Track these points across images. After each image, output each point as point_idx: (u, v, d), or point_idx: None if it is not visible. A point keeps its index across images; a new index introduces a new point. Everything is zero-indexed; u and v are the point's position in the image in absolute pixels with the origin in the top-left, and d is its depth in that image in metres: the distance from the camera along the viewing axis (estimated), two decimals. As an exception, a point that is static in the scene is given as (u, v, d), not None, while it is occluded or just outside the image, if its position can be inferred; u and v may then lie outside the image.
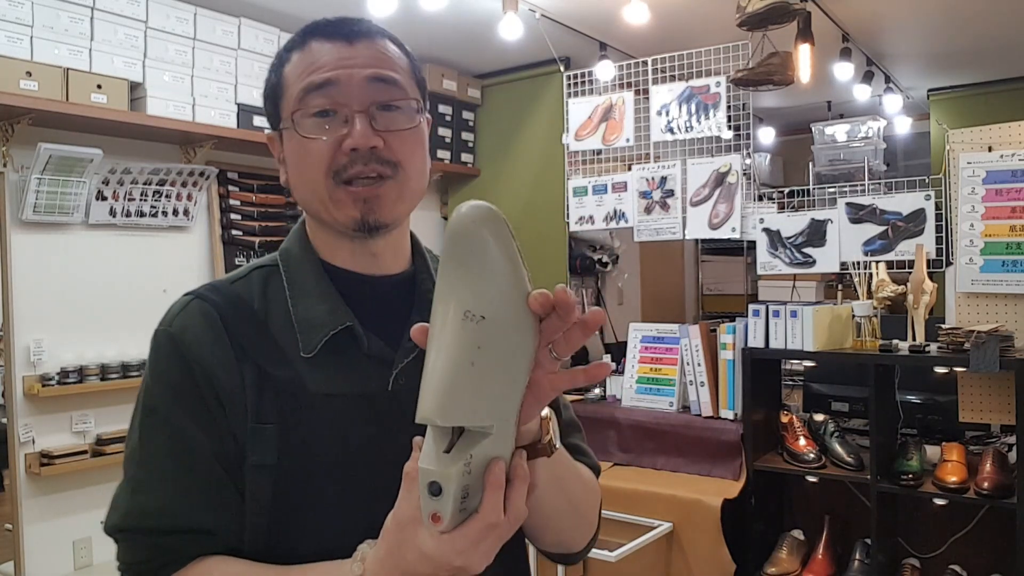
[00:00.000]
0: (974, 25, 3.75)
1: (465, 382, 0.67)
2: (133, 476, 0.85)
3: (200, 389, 0.83)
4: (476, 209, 0.69)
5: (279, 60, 0.91)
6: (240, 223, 3.43)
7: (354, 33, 0.88)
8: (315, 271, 0.90)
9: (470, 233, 0.68)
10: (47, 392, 2.74)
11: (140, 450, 0.85)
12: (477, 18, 3.35)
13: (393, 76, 0.87)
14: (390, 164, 0.86)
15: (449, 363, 0.67)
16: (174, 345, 0.85)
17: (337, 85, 0.85)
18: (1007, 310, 2.40)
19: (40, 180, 2.70)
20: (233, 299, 0.88)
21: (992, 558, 2.42)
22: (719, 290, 6.02)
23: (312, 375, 0.84)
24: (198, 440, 0.82)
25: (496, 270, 0.69)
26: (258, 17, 3.29)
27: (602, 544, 2.44)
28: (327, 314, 0.86)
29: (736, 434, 2.63)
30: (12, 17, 2.59)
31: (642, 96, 3.30)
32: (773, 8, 2.74)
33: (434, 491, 0.67)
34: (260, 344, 0.85)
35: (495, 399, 0.69)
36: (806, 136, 4.68)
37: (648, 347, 2.95)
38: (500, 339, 0.68)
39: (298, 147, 0.87)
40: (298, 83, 0.87)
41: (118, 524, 0.83)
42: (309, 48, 0.88)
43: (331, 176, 0.85)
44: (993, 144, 2.45)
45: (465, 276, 0.68)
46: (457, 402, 0.66)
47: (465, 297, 0.68)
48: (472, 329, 0.67)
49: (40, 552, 2.77)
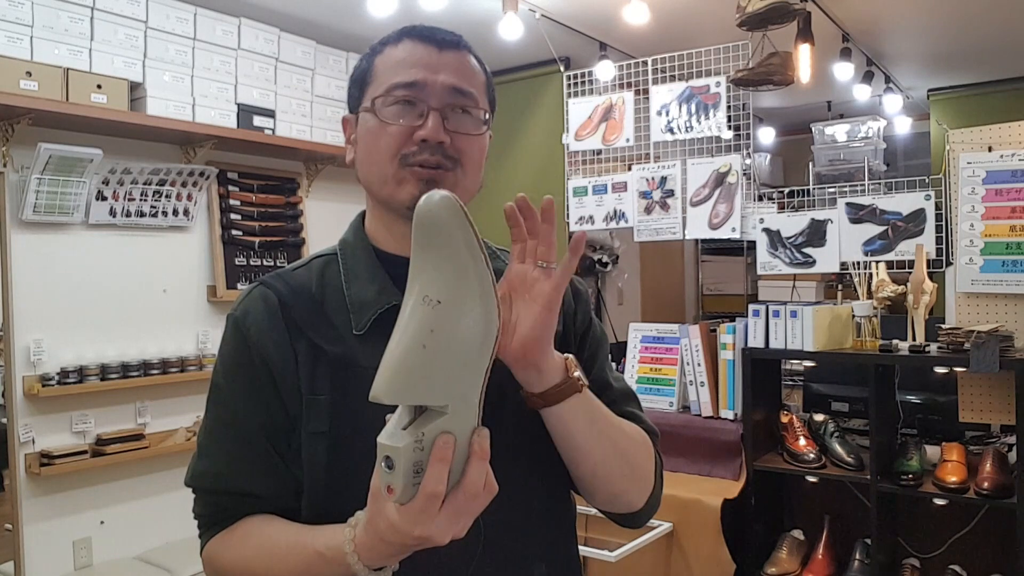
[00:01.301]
0: (974, 25, 3.75)
1: (415, 363, 0.71)
2: (200, 442, 0.98)
3: (255, 367, 0.94)
4: (438, 199, 0.74)
5: (372, 51, 1.00)
6: (240, 223, 3.43)
7: (445, 42, 0.97)
8: (367, 257, 0.99)
9: (431, 222, 0.73)
10: (47, 392, 2.74)
11: (205, 420, 0.98)
12: (477, 18, 3.35)
13: (470, 90, 0.96)
14: (452, 159, 0.94)
15: (402, 345, 0.71)
16: (236, 328, 0.96)
17: (421, 86, 0.94)
18: (1007, 310, 2.40)
19: (40, 180, 2.70)
20: (294, 285, 0.98)
21: (992, 558, 2.42)
22: (719, 290, 6.01)
23: (363, 350, 0.91)
24: (248, 414, 0.94)
25: (454, 257, 0.73)
26: (258, 17, 3.29)
27: (602, 544, 2.44)
28: (377, 294, 0.95)
29: (736, 434, 2.63)
30: (12, 17, 2.59)
31: (642, 96, 3.29)
32: (773, 8, 2.74)
33: (388, 465, 0.71)
34: (316, 324, 0.94)
35: (447, 380, 0.72)
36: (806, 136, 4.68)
37: (648, 347, 2.95)
38: (453, 323, 0.72)
39: (374, 128, 0.95)
40: (387, 75, 0.95)
41: (188, 482, 0.98)
42: (403, 45, 0.97)
43: (398, 158, 0.93)
44: (993, 144, 2.45)
45: (426, 262, 0.73)
46: (406, 382, 0.70)
47: (424, 282, 0.73)
48: (427, 313, 0.72)
49: (40, 552, 2.77)
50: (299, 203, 3.66)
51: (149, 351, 3.08)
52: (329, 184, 3.81)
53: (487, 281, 0.75)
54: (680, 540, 2.52)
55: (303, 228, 3.65)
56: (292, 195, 3.64)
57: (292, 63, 3.42)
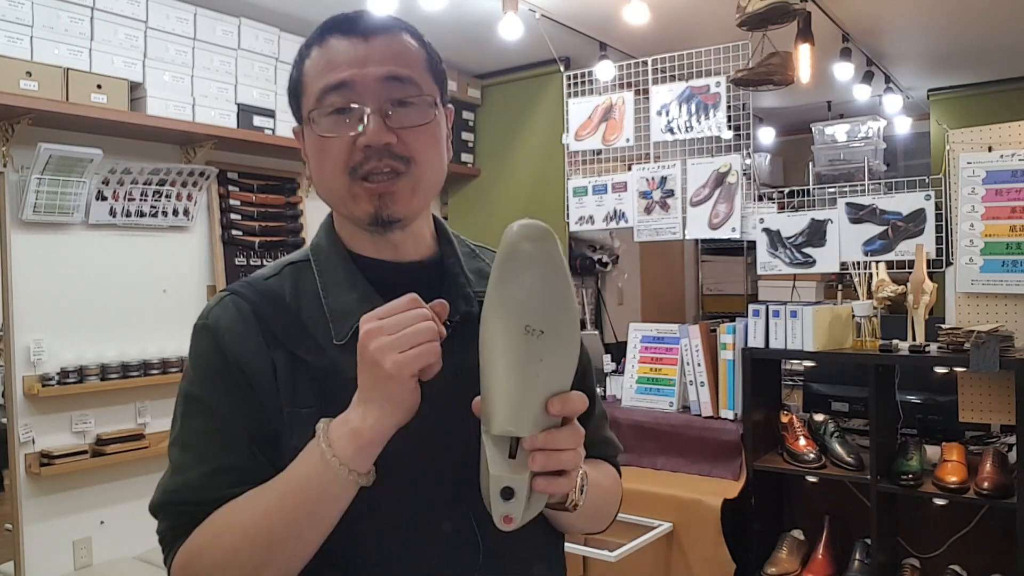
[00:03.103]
0: (974, 25, 3.75)
1: (533, 394, 0.75)
2: (175, 459, 0.89)
3: (234, 375, 0.87)
4: (531, 228, 0.75)
5: (300, 56, 0.94)
6: (240, 223, 3.43)
7: (371, 29, 0.89)
8: (344, 262, 0.94)
9: (526, 251, 0.74)
10: (47, 392, 2.74)
11: (181, 434, 0.89)
12: (477, 18, 3.35)
13: (408, 74, 0.89)
14: (403, 160, 0.88)
15: (517, 377, 0.74)
16: (209, 335, 0.90)
17: (352, 85, 0.87)
18: (1007, 310, 2.40)
19: (40, 180, 2.70)
20: (266, 293, 0.92)
21: (992, 558, 2.42)
22: (719, 290, 6.01)
23: (347, 360, 0.85)
24: (235, 419, 0.87)
25: (552, 286, 0.75)
26: (258, 17, 3.29)
27: (602, 544, 2.44)
28: (357, 302, 0.90)
29: (736, 434, 2.63)
30: (12, 17, 2.59)
31: (642, 96, 3.30)
32: (773, 8, 2.74)
33: (507, 496, 0.75)
34: (293, 334, 0.89)
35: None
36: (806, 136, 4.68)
37: (648, 347, 2.95)
38: (557, 351, 0.76)
39: (317, 144, 0.89)
40: (316, 82, 0.89)
41: (155, 502, 0.88)
42: (327, 45, 0.90)
43: (348, 172, 0.88)
44: (993, 144, 2.44)
45: (522, 292, 0.74)
46: (529, 414, 0.75)
47: (524, 312, 0.74)
48: (534, 343, 0.74)
49: (40, 552, 2.77)
50: (299, 203, 3.66)
51: (149, 351, 3.08)
52: (329, 184, 3.81)
53: (576, 307, 0.78)
54: (680, 540, 2.52)
55: (303, 228, 3.65)
56: (292, 195, 3.64)
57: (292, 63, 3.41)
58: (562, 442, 0.77)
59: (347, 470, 0.78)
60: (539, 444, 0.76)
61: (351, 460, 0.78)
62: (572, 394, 0.78)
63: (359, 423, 0.78)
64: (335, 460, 0.78)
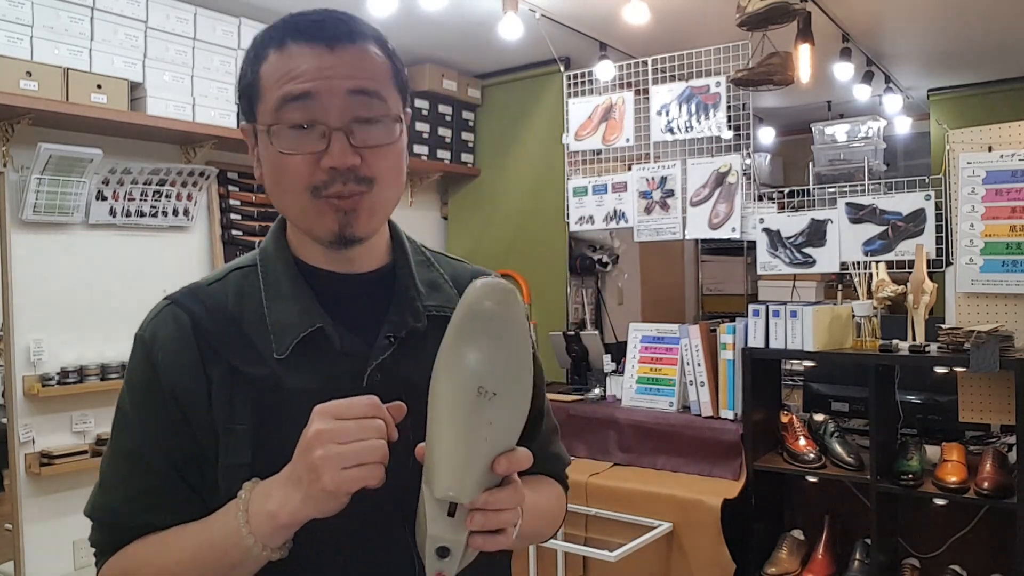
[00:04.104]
0: (974, 25, 3.75)
1: (479, 457, 0.73)
2: (103, 474, 0.90)
3: (163, 393, 0.85)
4: (494, 290, 0.74)
5: (255, 55, 0.88)
6: (240, 223, 3.43)
7: (336, 37, 0.85)
8: (289, 272, 0.91)
9: (488, 312, 0.73)
10: (47, 392, 2.74)
11: (109, 448, 0.90)
12: (477, 18, 3.35)
13: (374, 88, 0.85)
14: (366, 181, 0.85)
15: (464, 441, 0.73)
16: (144, 350, 0.88)
17: (316, 98, 0.83)
18: (1007, 310, 2.40)
19: (40, 180, 2.70)
20: (208, 302, 0.89)
21: (992, 558, 2.42)
22: (719, 290, 6.01)
23: (287, 374, 0.85)
24: (153, 445, 0.86)
25: (511, 348, 0.74)
26: (258, 17, 3.28)
27: (602, 544, 2.44)
28: (299, 315, 0.87)
29: (736, 434, 2.63)
30: (12, 17, 2.59)
31: (642, 96, 3.30)
32: (773, 8, 2.74)
33: (442, 554, 0.75)
34: (233, 346, 0.86)
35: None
36: (806, 136, 4.68)
37: (648, 347, 2.95)
38: (507, 413, 0.74)
39: (275, 159, 0.85)
40: (275, 89, 0.84)
41: (87, 512, 0.90)
42: (288, 50, 0.85)
43: (309, 191, 0.84)
44: (993, 144, 2.44)
45: (479, 353, 0.73)
46: (475, 478, 0.73)
47: (479, 373, 0.72)
48: (485, 405, 0.73)
49: (40, 552, 2.77)
50: (299, 203, 3.66)
51: (149, 351, 3.07)
52: (329, 184, 3.81)
53: (531, 366, 0.76)
54: (680, 540, 2.52)
55: (303, 228, 3.65)
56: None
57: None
58: (502, 502, 0.76)
59: (260, 546, 0.78)
60: (479, 504, 0.75)
61: (265, 538, 0.78)
62: (518, 452, 0.76)
63: (277, 507, 0.77)
64: (250, 537, 0.78)
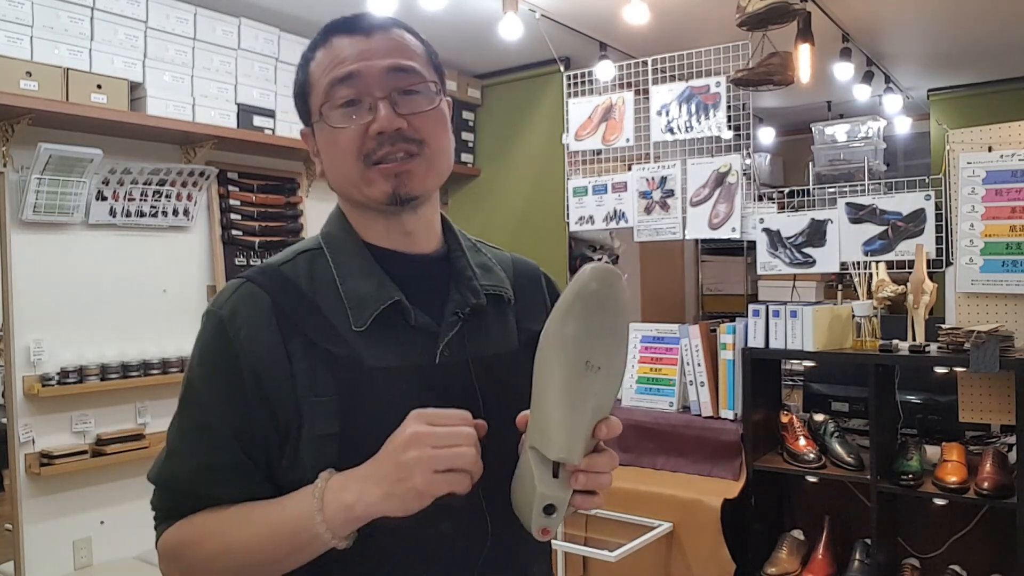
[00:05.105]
0: (974, 25, 3.75)
1: (585, 424, 0.81)
2: (171, 442, 0.93)
3: (238, 372, 0.88)
4: (605, 273, 0.81)
5: (305, 60, 0.97)
6: (240, 223, 3.43)
7: (371, 27, 0.94)
8: (358, 250, 0.96)
9: (596, 293, 0.80)
10: (47, 392, 2.74)
11: (177, 419, 0.93)
12: (477, 18, 3.35)
13: (410, 64, 0.93)
14: (415, 142, 0.92)
15: (574, 409, 0.81)
16: (221, 327, 0.90)
17: (360, 76, 0.91)
18: (1007, 310, 2.40)
19: (40, 180, 2.70)
20: (282, 281, 0.93)
21: (992, 558, 2.42)
22: (719, 290, 6.01)
23: (365, 348, 0.89)
24: (223, 420, 0.88)
25: (614, 326, 0.82)
26: (258, 17, 3.29)
27: (602, 544, 2.44)
28: (375, 289, 0.92)
29: (736, 434, 2.63)
30: (12, 17, 2.59)
31: (642, 96, 3.29)
32: (773, 8, 2.74)
33: (549, 511, 0.83)
34: (311, 322, 0.90)
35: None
36: (806, 136, 4.68)
37: (648, 347, 2.95)
38: (609, 385, 0.83)
39: (329, 137, 0.93)
40: (324, 78, 0.93)
41: (152, 478, 0.93)
42: (331, 45, 0.94)
43: (361, 159, 0.91)
44: (993, 144, 2.44)
45: (588, 330, 0.80)
46: (581, 443, 0.81)
47: (587, 349, 0.80)
48: (591, 378, 0.81)
49: (40, 552, 2.77)
50: (299, 203, 3.66)
51: (149, 351, 3.08)
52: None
53: (627, 347, 0.86)
54: (680, 540, 2.52)
55: (303, 228, 3.65)
56: (292, 195, 3.64)
57: (292, 63, 3.40)
58: (602, 466, 0.84)
59: (330, 535, 0.81)
60: (583, 467, 0.83)
61: (337, 528, 0.81)
62: (613, 420, 0.84)
63: (354, 500, 0.81)
64: (322, 524, 0.81)
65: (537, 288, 1.09)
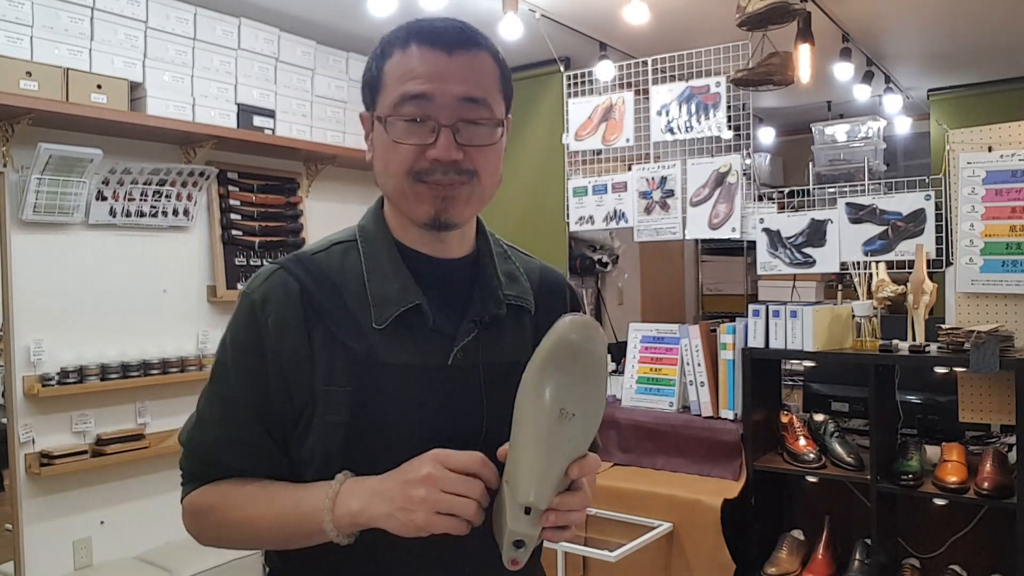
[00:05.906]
0: (974, 25, 3.75)
1: (556, 468, 0.84)
2: (199, 410, 1.00)
3: (264, 355, 0.94)
4: (582, 326, 0.83)
5: (381, 52, 0.97)
6: (240, 223, 3.43)
7: (454, 44, 0.94)
8: (389, 250, 0.99)
9: (575, 344, 0.83)
10: (47, 392, 2.74)
11: (207, 391, 1.00)
12: (477, 18, 3.33)
13: (482, 96, 0.95)
14: (468, 172, 0.94)
15: (546, 456, 0.83)
16: (252, 311, 0.95)
17: (430, 99, 0.92)
18: (1007, 310, 2.40)
19: (40, 180, 2.70)
20: (314, 271, 0.97)
21: (992, 558, 2.42)
22: (719, 290, 6.01)
23: (384, 345, 0.93)
24: (247, 398, 0.95)
25: (591, 377, 0.84)
26: (258, 17, 3.29)
27: (602, 544, 2.44)
28: (399, 291, 0.95)
29: (736, 434, 2.63)
30: (12, 17, 2.59)
31: (642, 96, 3.29)
32: (773, 8, 2.74)
33: (518, 545, 0.86)
34: (335, 314, 0.94)
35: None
36: (806, 136, 4.68)
37: (648, 347, 2.95)
38: (583, 430, 0.85)
39: (387, 143, 0.94)
40: (396, 86, 0.93)
41: (182, 439, 1.01)
42: (410, 52, 0.94)
43: (411, 175, 0.93)
44: (993, 144, 2.44)
45: (564, 381, 0.83)
46: (551, 487, 0.84)
47: (563, 396, 0.83)
48: (565, 425, 0.83)
49: (40, 552, 2.77)
50: (299, 203, 3.66)
51: (149, 351, 3.08)
52: (329, 184, 3.81)
53: (605, 395, 0.88)
54: (680, 540, 2.52)
55: (303, 228, 3.65)
56: (292, 195, 3.64)
57: (292, 63, 3.42)
58: (572, 505, 0.87)
59: (335, 532, 0.89)
60: (553, 505, 0.85)
61: (342, 528, 0.88)
62: (589, 459, 0.87)
63: (359, 509, 0.87)
64: (330, 522, 0.88)
65: (560, 301, 1.11)
